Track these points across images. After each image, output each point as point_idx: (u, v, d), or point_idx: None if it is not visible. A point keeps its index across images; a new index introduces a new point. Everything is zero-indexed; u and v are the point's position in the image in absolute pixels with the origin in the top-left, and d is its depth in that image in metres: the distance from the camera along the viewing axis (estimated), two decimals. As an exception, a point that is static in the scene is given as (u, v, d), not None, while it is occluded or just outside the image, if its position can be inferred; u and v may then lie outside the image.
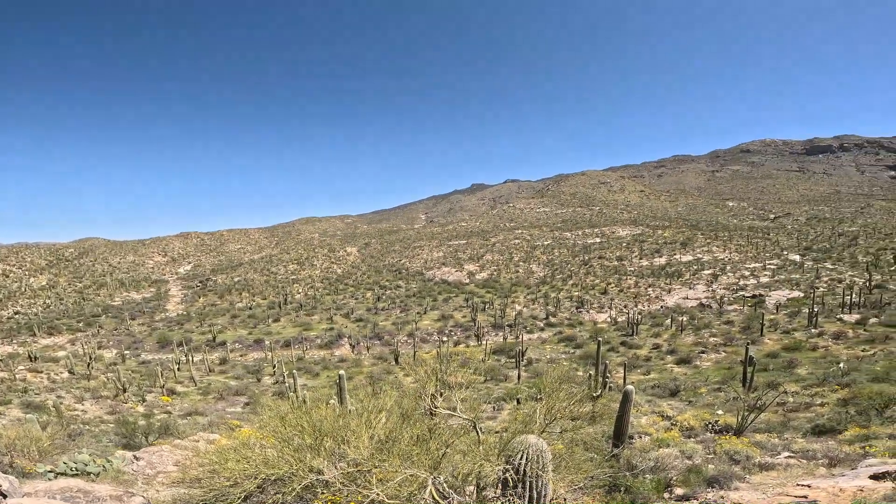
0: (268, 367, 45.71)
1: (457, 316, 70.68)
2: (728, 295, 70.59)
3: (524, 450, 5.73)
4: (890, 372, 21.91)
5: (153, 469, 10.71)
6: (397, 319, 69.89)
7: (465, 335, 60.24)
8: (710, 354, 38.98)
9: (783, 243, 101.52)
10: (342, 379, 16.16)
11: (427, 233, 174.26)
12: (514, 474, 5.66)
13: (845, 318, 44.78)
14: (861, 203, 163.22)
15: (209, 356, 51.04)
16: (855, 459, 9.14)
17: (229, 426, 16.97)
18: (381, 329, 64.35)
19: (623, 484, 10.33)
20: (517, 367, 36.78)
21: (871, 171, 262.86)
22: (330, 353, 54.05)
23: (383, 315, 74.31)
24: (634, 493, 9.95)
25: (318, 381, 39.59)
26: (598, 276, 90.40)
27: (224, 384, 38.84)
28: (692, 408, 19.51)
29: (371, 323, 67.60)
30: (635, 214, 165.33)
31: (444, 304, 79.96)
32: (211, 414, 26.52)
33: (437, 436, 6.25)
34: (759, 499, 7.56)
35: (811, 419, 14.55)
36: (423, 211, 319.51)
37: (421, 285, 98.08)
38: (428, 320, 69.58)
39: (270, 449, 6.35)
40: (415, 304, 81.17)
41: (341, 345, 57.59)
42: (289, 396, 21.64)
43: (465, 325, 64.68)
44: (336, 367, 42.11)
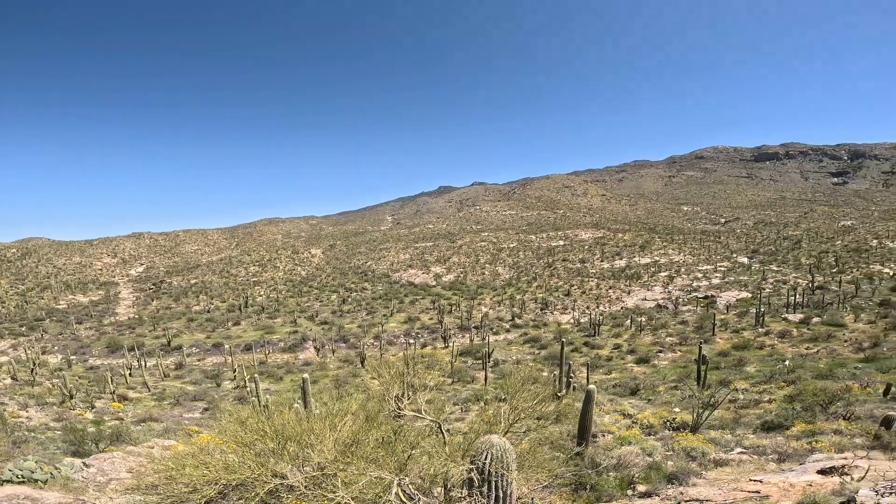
0: (228, 372, 44.17)
1: (423, 318, 70.58)
2: (683, 296, 73.73)
3: (487, 450, 5.75)
4: (833, 369, 23.46)
5: (105, 476, 10.27)
6: (363, 322, 69.09)
7: (431, 337, 60.21)
8: (667, 354, 40.57)
9: (732, 246, 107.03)
10: (306, 382, 15.90)
11: (393, 235, 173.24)
12: (478, 474, 5.69)
13: (790, 318, 47.56)
14: (805, 208, 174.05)
15: (164, 361, 48.87)
16: (802, 455, 9.72)
17: (187, 432, 16.41)
18: (346, 332, 63.45)
19: (588, 482, 10.60)
20: (484, 368, 37.08)
21: (815, 178, 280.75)
22: (294, 357, 52.82)
23: (349, 318, 73.34)
24: (599, 490, 10.21)
25: (282, 386, 38.65)
26: (562, 278, 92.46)
27: (181, 390, 37.24)
28: (652, 406, 20.24)
29: (336, 325, 66.54)
30: (597, 218, 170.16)
31: (411, 307, 79.70)
32: (167, 420, 25.48)
33: (402, 438, 6.25)
34: (716, 494, 7.93)
35: (760, 415, 15.40)
36: (389, 213, 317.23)
37: (387, 287, 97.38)
38: (394, 322, 69.15)
39: (232, 454, 6.25)
40: (381, 306, 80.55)
41: (306, 348, 56.38)
42: (251, 401, 21.04)
43: (431, 328, 64.64)
44: (301, 370, 41.18)
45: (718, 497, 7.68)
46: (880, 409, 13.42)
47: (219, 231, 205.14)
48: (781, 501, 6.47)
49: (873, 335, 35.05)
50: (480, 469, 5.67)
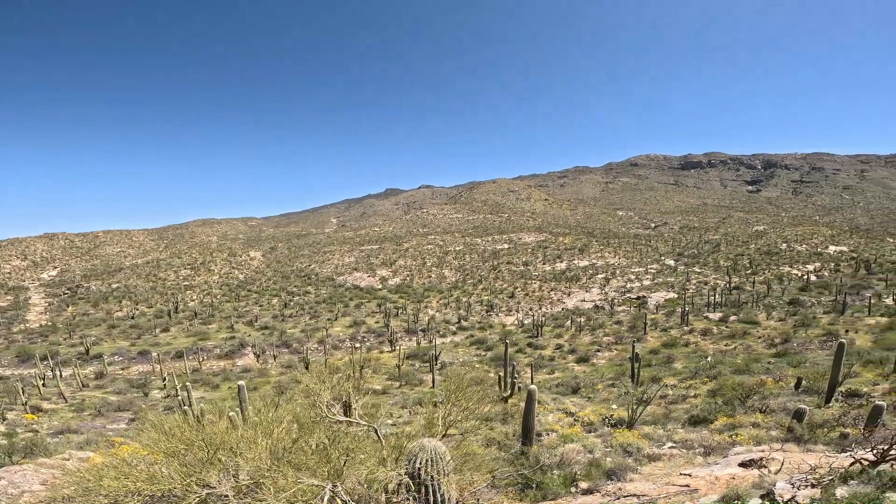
0: (157, 381, 41.30)
1: (370, 322, 69.66)
2: (618, 297, 77.87)
3: (420, 454, 5.73)
4: (749, 364, 25.68)
5: (17, 489, 9.48)
6: (307, 326, 67.05)
7: (378, 341, 59.54)
8: (605, 352, 42.66)
9: (661, 250, 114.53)
10: (242, 390, 15.37)
11: (339, 237, 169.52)
12: (412, 479, 5.69)
13: (711, 317, 51.56)
14: (723, 214, 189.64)
15: (82, 370, 44.88)
16: (725, 447, 10.58)
17: (110, 443, 15.38)
18: (289, 336, 61.27)
19: (534, 481, 10.89)
20: (431, 371, 37.18)
21: (733, 186, 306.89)
22: (231, 364, 50.26)
23: (291, 322, 70.92)
24: (545, 489, 10.51)
25: (218, 394, 36.67)
26: (507, 280, 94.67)
27: (102, 400, 34.43)
28: (592, 403, 21.18)
29: (278, 330, 64.08)
30: (540, 222, 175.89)
31: (357, 310, 78.38)
32: (88, 431, 23.57)
33: (337, 444, 6.19)
34: (651, 489, 8.45)
35: (688, 410, 16.58)
36: (334, 215, 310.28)
37: (332, 291, 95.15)
38: (339, 326, 67.71)
39: (158, 465, 6.05)
40: (325, 310, 78.60)
41: (245, 354, 53.78)
42: (183, 410, 19.90)
43: (378, 331, 63.94)
44: (239, 377, 39.24)
45: (653, 492, 8.18)
46: (792, 401, 14.90)
47: (145, 232, 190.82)
48: (708, 495, 7.01)
49: (784, 332, 38.79)
50: (413, 473, 5.66)
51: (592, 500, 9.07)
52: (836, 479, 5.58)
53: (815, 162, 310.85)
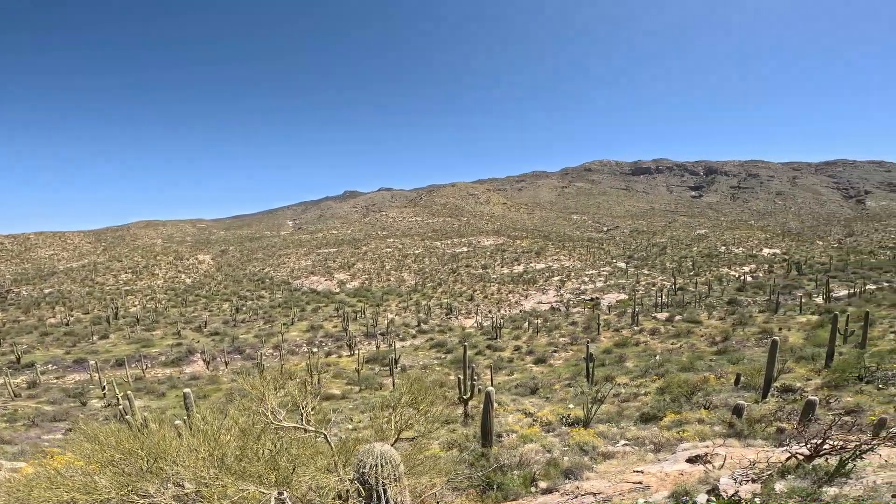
0: (96, 390, 38.84)
1: (327, 326, 68.29)
2: (573, 298, 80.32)
3: (366, 459, 5.67)
4: (693, 362, 27.16)
5: None
6: (261, 331, 64.86)
7: (336, 345, 58.46)
8: (561, 353, 43.84)
9: (613, 252, 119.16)
10: (188, 397, 14.86)
11: (295, 240, 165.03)
12: (362, 484, 5.63)
13: (658, 317, 54.14)
14: (669, 218, 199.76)
15: (12, 380, 41.51)
16: (674, 444, 11.15)
17: (43, 453, 14.45)
18: (241, 342, 59.02)
19: (495, 482, 11.04)
20: (391, 374, 36.89)
21: (678, 191, 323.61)
22: (179, 371, 47.90)
23: (244, 327, 68.36)
24: (506, 490, 10.67)
25: (164, 402, 34.90)
26: (466, 283, 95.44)
27: (36, 410, 32.05)
28: (549, 403, 21.72)
29: (230, 336, 61.58)
30: (498, 225, 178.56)
31: (314, 315, 76.61)
32: (21, 442, 21.97)
33: (284, 450, 6.10)
34: (606, 487, 8.79)
35: (639, 408, 17.36)
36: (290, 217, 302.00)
37: (287, 295, 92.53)
38: (296, 331, 65.93)
39: (96, 475, 5.86)
40: (281, 314, 76.36)
41: (193, 361, 51.33)
42: (126, 420, 18.89)
43: (336, 335, 62.77)
44: (187, 385, 37.44)
45: (608, 490, 8.52)
46: (732, 397, 15.92)
47: (81, 234, 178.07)
48: (660, 491, 7.38)
49: (724, 330, 41.30)
50: (363, 479, 5.59)
51: (552, 500, 9.31)
52: (775, 474, 6.04)
53: (752, 169, 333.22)
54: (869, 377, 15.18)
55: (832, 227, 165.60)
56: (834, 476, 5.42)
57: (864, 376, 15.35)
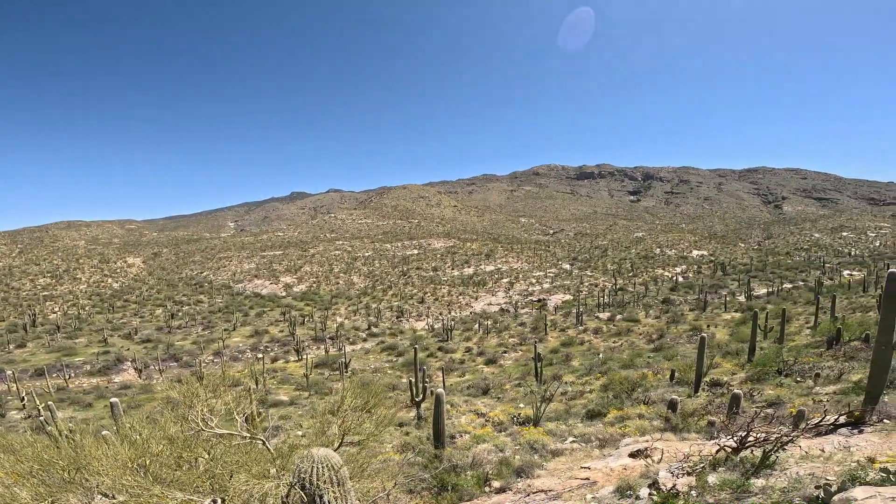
0: (14, 401, 35.41)
1: (273, 331, 65.93)
2: (521, 300, 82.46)
3: (303, 464, 5.52)
4: (633, 359, 28.73)
5: None
6: (199, 338, 61.52)
7: (283, 350, 56.58)
8: (511, 353, 44.88)
9: (559, 254, 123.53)
10: (116, 407, 14.09)
11: (236, 242, 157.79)
12: (301, 489, 5.55)
13: (601, 316, 56.75)
14: (610, 221, 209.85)
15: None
16: (617, 439, 11.81)
17: None
18: (178, 349, 55.76)
19: (450, 483, 11.19)
20: (342, 378, 36.24)
21: (618, 195, 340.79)
22: (107, 381, 44.61)
23: (180, 334, 64.59)
24: (461, 490, 10.85)
25: (92, 413, 32.46)
26: (416, 285, 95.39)
27: (-55, 424, 28.59)
28: (501, 403, 22.20)
29: (164, 343, 57.99)
30: (449, 228, 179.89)
31: (258, 319, 73.72)
32: None
33: (220, 458, 5.97)
34: (556, 484, 9.17)
35: (585, 405, 18.15)
36: (232, 218, 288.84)
37: (229, 300, 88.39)
38: (238, 337, 63.15)
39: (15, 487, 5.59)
40: (222, 320, 72.83)
41: (123, 370, 47.97)
42: (48, 431, 17.51)
43: (283, 340, 60.77)
44: (118, 395, 34.98)
45: (558, 487, 8.90)
46: (668, 392, 17.04)
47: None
48: (605, 486, 7.83)
49: (659, 328, 43.98)
50: (303, 484, 5.52)
51: (505, 499, 9.59)
52: (707, 467, 6.59)
53: (683, 175, 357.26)
54: (787, 371, 16.76)
55: (753, 230, 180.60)
56: (760, 468, 6.01)
57: (783, 370, 16.93)
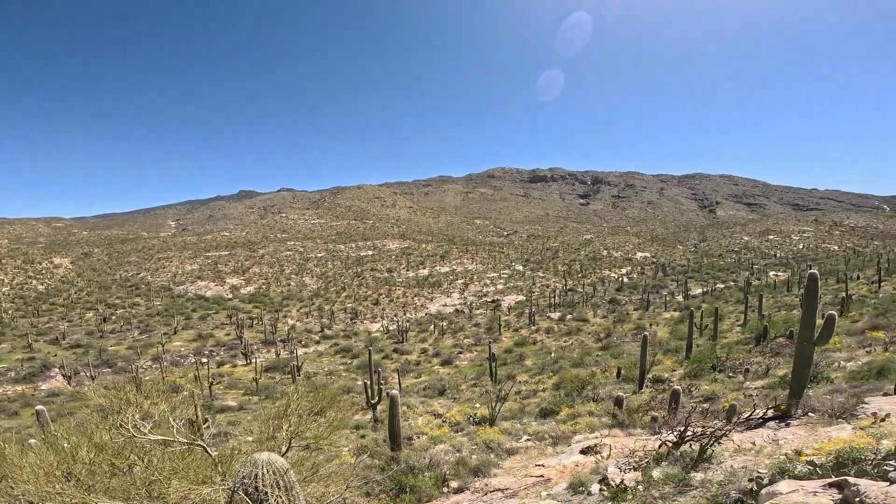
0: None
1: (218, 334, 63.08)
2: (476, 301, 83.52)
3: (243, 469, 5.30)
4: (583, 358, 29.89)
5: None
6: (136, 342, 57.94)
7: (230, 354, 54.29)
8: (466, 354, 45.38)
9: (512, 256, 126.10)
10: (42, 414, 13.32)
11: (178, 242, 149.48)
12: (245, 494, 5.44)
13: (552, 316, 58.52)
14: (561, 224, 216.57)
15: None
16: (569, 436, 12.30)
17: None
18: (112, 355, 52.31)
19: (408, 484, 11.23)
20: (294, 382, 35.26)
21: (569, 199, 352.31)
22: (34, 388, 41.26)
23: (114, 338, 60.54)
24: (419, 492, 10.91)
25: (18, 421, 29.92)
26: (371, 287, 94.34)
27: None
28: (457, 404, 22.45)
29: (96, 349, 54.20)
30: (404, 229, 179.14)
31: (202, 323, 70.26)
32: None
33: (154, 465, 5.83)
34: (512, 483, 9.46)
35: (538, 404, 18.75)
36: (173, 217, 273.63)
37: (169, 302, 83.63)
38: (180, 341, 59.93)
39: None
40: (161, 323, 68.78)
41: (51, 376, 44.51)
42: None
43: (229, 344, 58.27)
44: (45, 402, 32.39)
45: (514, 485, 9.18)
46: (615, 389, 17.92)
47: None
48: (559, 483, 8.17)
49: (607, 327, 45.96)
50: (247, 490, 5.43)
51: (463, 498, 9.77)
52: (651, 462, 7.05)
53: (629, 180, 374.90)
54: (721, 367, 18.10)
55: (690, 233, 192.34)
56: (698, 461, 6.51)
57: (716, 366, 18.26)
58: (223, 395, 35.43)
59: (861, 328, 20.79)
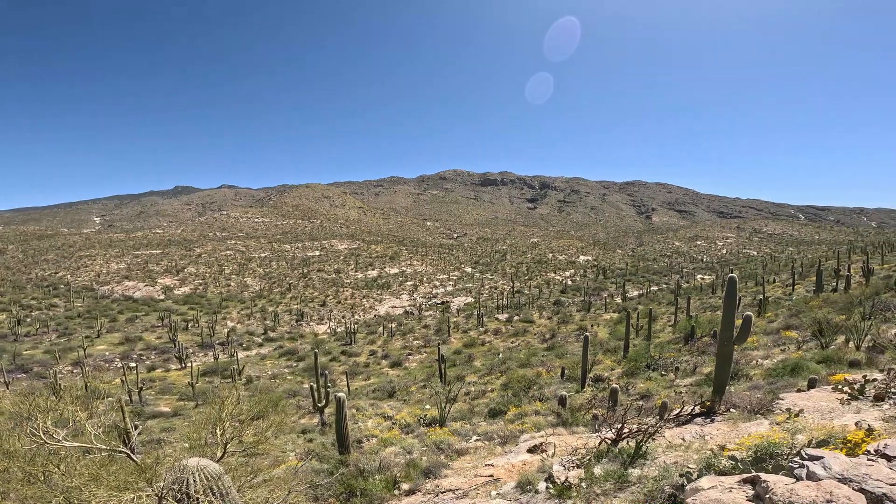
0: None
1: (149, 337, 59.16)
2: (425, 302, 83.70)
3: (176, 474, 5.16)
4: (529, 358, 30.78)
5: None
6: (54, 346, 53.20)
7: (162, 358, 51.11)
8: (415, 355, 45.39)
9: (462, 258, 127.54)
10: None
11: (103, 240, 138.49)
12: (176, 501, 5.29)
13: (500, 318, 59.80)
14: (509, 227, 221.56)
15: None
16: (517, 436, 12.70)
17: None
18: (27, 359, 47.80)
19: (358, 488, 11.15)
20: (234, 387, 33.74)
21: (518, 202, 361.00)
22: (-69, 403, 36.47)
23: (29, 342, 55.27)
24: (370, 495, 10.87)
25: None
26: (318, 288, 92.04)
27: None
28: (407, 406, 22.46)
29: (10, 353, 49.29)
30: (353, 229, 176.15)
31: (130, 325, 65.65)
32: None
33: (72, 472, 5.59)
34: (462, 483, 9.67)
35: (487, 404, 19.16)
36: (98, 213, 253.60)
37: (92, 304, 77.41)
38: (105, 345, 55.68)
39: None
40: (82, 326, 63.55)
41: (-49, 386, 39.75)
42: None
43: (161, 348, 54.82)
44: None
45: (465, 485, 9.40)
46: (560, 389, 18.69)
47: None
48: (508, 482, 8.46)
49: (551, 328, 47.62)
50: (176, 496, 5.29)
51: (415, 500, 9.86)
52: (593, 459, 7.50)
53: (575, 185, 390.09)
54: (654, 365, 19.36)
55: (629, 237, 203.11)
56: (635, 458, 7.00)
57: (650, 365, 19.52)
58: (155, 400, 33.39)
59: (776, 328, 22.77)
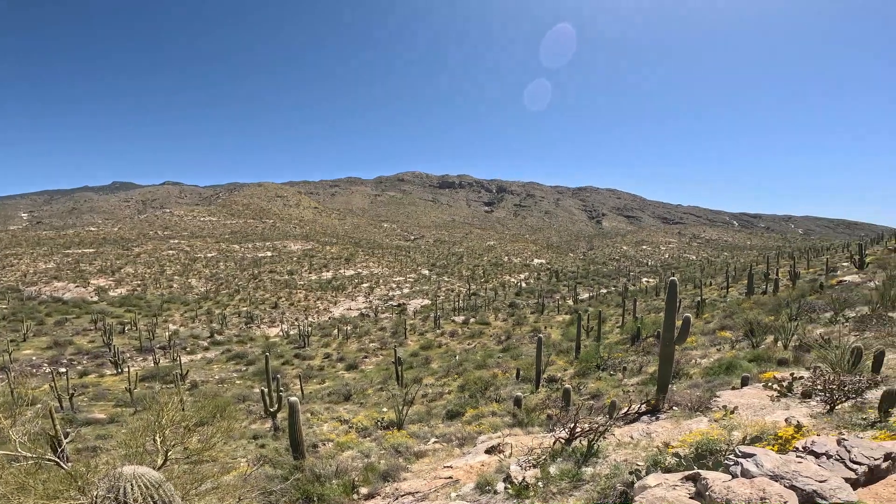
0: None
1: (80, 341, 55.15)
2: (381, 304, 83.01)
3: (108, 482, 4.94)
4: (486, 359, 31.28)
5: None
6: (-27, 353, 48.43)
7: (96, 363, 47.78)
8: (372, 358, 44.94)
9: (418, 260, 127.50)
10: None
11: (30, 237, 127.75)
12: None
13: (456, 320, 60.31)
14: (467, 230, 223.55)
15: None
16: (474, 437, 12.92)
17: None
18: (-63, 370, 43.13)
19: (315, 493, 10.96)
20: (178, 392, 32.09)
21: (475, 205, 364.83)
22: None
23: (-57, 349, 50.03)
24: (327, 501, 10.71)
25: None
26: (269, 290, 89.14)
27: None
28: (364, 409, 22.24)
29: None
30: (308, 230, 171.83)
31: (59, 328, 60.97)
32: None
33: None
34: (422, 485, 9.76)
35: (444, 406, 19.32)
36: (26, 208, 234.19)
37: (17, 305, 71.20)
38: (31, 349, 51.40)
39: None
40: (7, 329, 58.37)
41: None
42: None
43: (94, 352, 51.22)
44: None
45: (424, 487, 9.50)
46: (515, 389, 19.17)
47: None
48: (467, 483, 8.63)
49: (507, 330, 48.56)
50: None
51: (374, 504, 9.85)
52: (548, 458, 7.81)
53: (530, 190, 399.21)
54: (604, 366, 20.25)
55: (580, 241, 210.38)
56: (588, 457, 7.37)
57: (600, 365, 20.40)
58: (89, 407, 31.26)
59: (713, 328, 24.46)
